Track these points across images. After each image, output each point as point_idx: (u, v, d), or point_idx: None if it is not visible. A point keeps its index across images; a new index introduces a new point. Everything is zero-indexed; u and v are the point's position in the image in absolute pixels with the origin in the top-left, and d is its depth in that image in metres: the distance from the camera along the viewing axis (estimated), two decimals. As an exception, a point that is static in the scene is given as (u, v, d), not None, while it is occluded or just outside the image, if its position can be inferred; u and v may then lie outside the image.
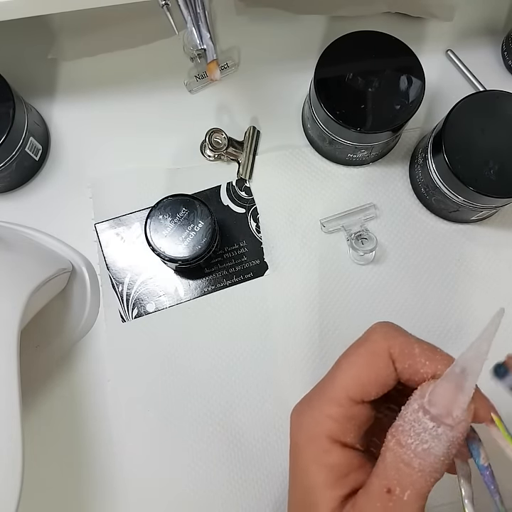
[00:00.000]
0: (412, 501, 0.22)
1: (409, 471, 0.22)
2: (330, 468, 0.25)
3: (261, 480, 0.42)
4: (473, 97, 0.41)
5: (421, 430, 0.22)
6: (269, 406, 0.44)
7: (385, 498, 0.23)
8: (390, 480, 0.23)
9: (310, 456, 0.26)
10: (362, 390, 0.25)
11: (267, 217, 0.47)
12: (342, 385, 0.26)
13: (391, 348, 0.25)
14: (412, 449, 0.22)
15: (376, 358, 0.25)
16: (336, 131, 0.42)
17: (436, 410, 0.22)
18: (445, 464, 0.23)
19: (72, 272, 0.45)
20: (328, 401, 0.26)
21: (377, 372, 0.25)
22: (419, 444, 0.22)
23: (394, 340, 0.25)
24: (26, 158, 0.45)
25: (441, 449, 0.22)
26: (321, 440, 0.25)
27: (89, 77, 0.50)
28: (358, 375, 0.25)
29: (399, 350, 0.25)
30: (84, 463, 0.43)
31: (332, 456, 0.25)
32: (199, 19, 0.38)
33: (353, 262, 0.46)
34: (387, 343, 0.25)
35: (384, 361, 0.25)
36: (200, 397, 0.44)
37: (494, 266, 0.46)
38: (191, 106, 0.49)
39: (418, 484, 0.22)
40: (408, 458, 0.22)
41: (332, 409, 0.25)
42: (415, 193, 0.47)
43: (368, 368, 0.25)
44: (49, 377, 0.44)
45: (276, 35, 0.51)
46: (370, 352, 0.26)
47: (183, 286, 0.46)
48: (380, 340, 0.26)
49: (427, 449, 0.22)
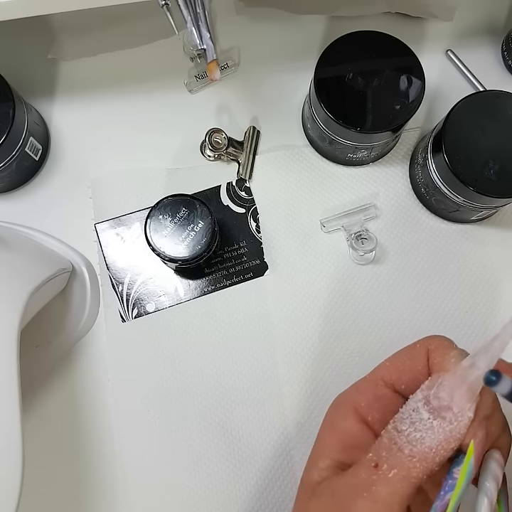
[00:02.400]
0: (396, 480, 0.23)
1: (399, 454, 0.23)
2: (341, 434, 0.27)
3: (261, 480, 0.42)
4: (473, 97, 0.41)
5: (416, 420, 0.23)
6: (268, 406, 0.44)
7: (371, 471, 0.24)
8: (379, 457, 0.24)
9: (329, 419, 0.29)
10: (394, 374, 0.27)
11: (267, 217, 0.47)
12: (379, 368, 0.28)
13: (430, 344, 0.27)
14: (405, 435, 0.23)
15: (414, 349, 0.27)
16: (336, 131, 0.42)
17: (437, 403, 0.23)
18: (438, 456, 0.23)
19: (72, 272, 0.45)
20: (364, 379, 0.29)
21: (411, 361, 0.27)
22: (413, 432, 0.23)
23: (435, 338, 0.27)
24: (26, 158, 0.45)
25: (433, 441, 0.23)
26: (344, 407, 0.28)
27: (89, 77, 0.50)
28: (395, 359, 0.28)
29: (435, 346, 0.26)
30: (84, 463, 0.43)
31: (347, 423, 0.27)
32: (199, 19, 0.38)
33: (353, 262, 0.46)
34: (428, 340, 0.27)
35: (420, 353, 0.27)
36: (200, 397, 0.44)
37: (494, 266, 0.46)
38: (191, 106, 0.49)
39: (406, 468, 0.23)
40: (401, 442, 0.23)
41: (363, 384, 0.28)
42: (415, 193, 0.47)
43: (404, 356, 0.27)
44: (49, 377, 0.44)
45: (276, 35, 0.51)
46: (411, 345, 0.28)
47: (183, 286, 0.46)
48: (424, 338, 0.28)
49: (419, 439, 0.23)
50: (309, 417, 0.43)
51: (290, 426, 0.43)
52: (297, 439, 0.43)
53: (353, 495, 0.24)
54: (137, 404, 0.44)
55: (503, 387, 0.21)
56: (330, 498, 0.25)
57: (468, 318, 0.45)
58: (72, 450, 0.43)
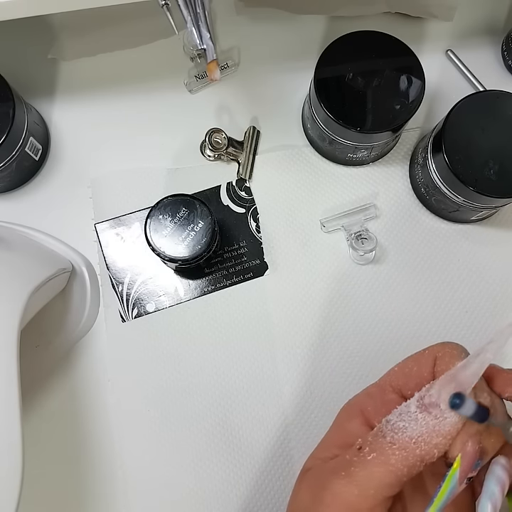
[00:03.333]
0: (374, 464, 0.24)
1: (381, 440, 0.24)
2: (345, 433, 0.28)
3: (261, 480, 0.42)
4: (473, 97, 0.41)
5: (403, 412, 0.24)
6: (268, 406, 0.44)
7: (354, 453, 0.25)
8: (365, 441, 0.25)
9: (338, 419, 0.30)
10: (401, 379, 0.28)
11: (267, 217, 0.47)
12: (389, 373, 0.29)
13: (439, 352, 0.27)
14: (391, 424, 0.24)
15: (423, 355, 0.27)
16: (336, 131, 0.42)
17: (428, 400, 0.24)
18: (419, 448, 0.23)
19: (72, 272, 0.45)
20: (374, 384, 0.29)
21: (418, 367, 0.27)
22: (398, 421, 0.24)
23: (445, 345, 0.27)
24: (26, 158, 0.45)
25: (415, 432, 0.23)
26: (352, 409, 0.29)
27: (89, 77, 0.49)
28: (403, 366, 0.28)
29: (442, 354, 0.27)
30: (84, 462, 0.43)
31: (352, 425, 0.28)
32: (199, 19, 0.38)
33: (353, 262, 0.46)
34: (438, 347, 0.27)
35: (428, 359, 0.27)
36: (200, 397, 0.44)
37: (494, 266, 0.46)
38: (191, 106, 0.49)
39: (385, 453, 0.24)
40: (385, 430, 0.24)
41: (373, 389, 0.29)
42: (415, 193, 0.47)
43: (412, 362, 0.28)
44: (49, 377, 0.44)
45: (276, 35, 0.51)
46: (421, 351, 0.28)
47: (183, 286, 0.46)
48: (435, 345, 0.28)
49: (402, 428, 0.24)
50: (309, 417, 0.43)
51: (290, 426, 0.43)
52: (297, 439, 0.43)
53: (332, 474, 0.25)
54: (137, 404, 0.44)
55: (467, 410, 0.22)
56: (313, 480, 0.27)
57: (468, 318, 0.45)
58: (72, 450, 0.43)
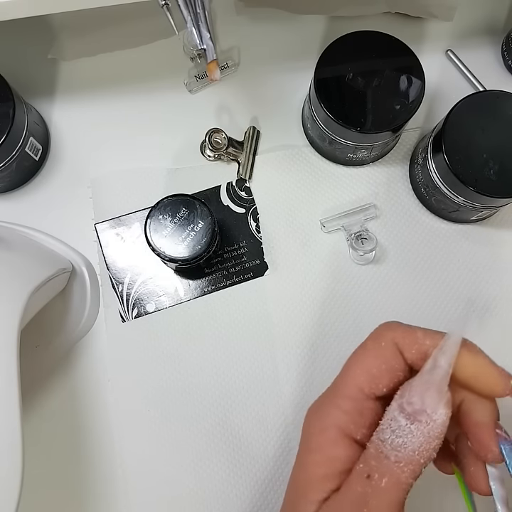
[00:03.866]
0: (389, 488, 0.23)
1: (386, 461, 0.24)
2: (333, 462, 0.26)
3: (261, 480, 0.42)
4: (473, 97, 0.41)
5: (396, 427, 0.24)
6: (268, 406, 0.44)
7: (365, 483, 0.24)
8: (370, 467, 0.24)
9: (315, 446, 0.27)
10: (372, 381, 0.26)
11: (267, 217, 0.47)
12: (353, 378, 0.27)
13: (395, 338, 0.26)
14: (389, 443, 0.24)
15: (383, 349, 0.26)
16: (336, 131, 0.42)
17: (411, 408, 0.24)
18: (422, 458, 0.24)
19: (72, 272, 0.45)
20: (341, 395, 0.27)
21: (385, 363, 0.26)
22: (395, 438, 0.24)
23: (396, 329, 0.26)
24: (26, 158, 0.45)
25: (415, 444, 0.24)
26: (331, 431, 0.26)
27: (89, 77, 0.50)
28: (368, 367, 0.26)
29: (402, 337, 0.26)
30: (84, 462, 0.43)
31: (339, 450, 0.26)
32: (199, 19, 0.38)
33: (353, 262, 0.46)
34: (391, 334, 0.26)
35: (391, 350, 0.26)
36: (200, 397, 0.44)
37: (494, 266, 0.46)
38: (191, 106, 0.49)
39: (395, 474, 0.23)
40: (386, 450, 0.24)
41: (344, 402, 0.26)
42: (415, 193, 0.47)
43: (376, 359, 0.26)
44: (49, 377, 0.44)
45: (276, 35, 0.51)
46: (376, 344, 0.27)
47: (183, 286, 0.46)
48: (384, 331, 0.27)
49: (402, 444, 0.24)
50: (309, 417, 0.43)
51: (290, 426, 0.43)
52: (297, 439, 0.43)
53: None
54: (137, 404, 0.44)
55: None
56: None
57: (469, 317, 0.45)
58: (72, 450, 0.43)
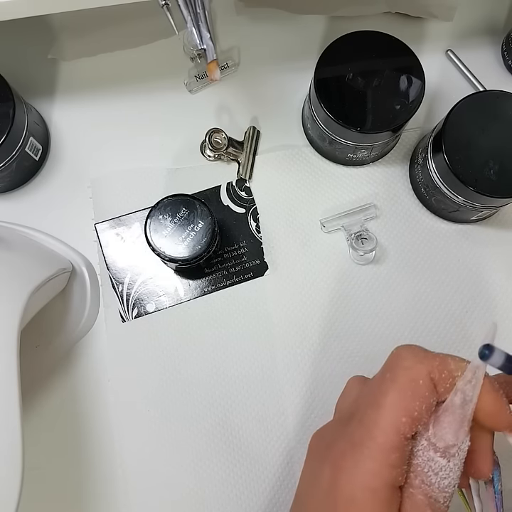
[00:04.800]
0: None
1: (438, 505, 0.23)
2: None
3: (261, 480, 0.42)
4: (473, 97, 0.41)
5: (438, 469, 0.24)
6: (268, 406, 0.44)
7: None
8: None
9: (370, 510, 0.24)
10: (413, 424, 0.23)
11: (267, 217, 0.47)
12: (393, 424, 0.23)
13: (431, 373, 0.24)
14: (436, 486, 0.24)
15: (421, 387, 0.24)
16: (336, 131, 0.42)
17: (442, 443, 0.23)
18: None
19: (72, 272, 0.45)
20: (384, 447, 0.23)
21: (425, 402, 0.24)
22: (441, 480, 0.24)
23: (430, 362, 0.24)
24: (26, 158, 0.45)
25: (457, 479, 0.24)
26: (383, 492, 0.23)
27: (89, 77, 0.50)
28: (409, 410, 0.23)
29: (438, 371, 0.24)
30: (84, 462, 0.43)
31: (393, 507, 0.24)
32: (199, 19, 0.38)
33: (353, 262, 0.46)
34: (425, 368, 0.24)
35: (429, 388, 0.24)
36: (200, 397, 0.44)
37: (494, 266, 0.46)
38: (191, 106, 0.49)
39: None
40: (435, 494, 0.23)
41: (391, 456, 0.23)
42: (415, 193, 0.47)
43: (414, 400, 0.23)
44: (49, 377, 0.44)
45: (276, 35, 0.51)
46: (410, 381, 0.24)
47: (183, 286, 0.46)
48: (417, 365, 0.24)
49: (448, 485, 0.24)
50: (309, 417, 0.43)
51: (290, 426, 0.43)
52: (297, 439, 0.43)
53: None
54: (137, 404, 0.44)
55: (496, 360, 0.22)
56: None
57: (469, 318, 0.45)
58: (72, 449, 0.43)
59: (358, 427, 0.25)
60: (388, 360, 0.25)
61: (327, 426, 0.29)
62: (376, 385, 0.25)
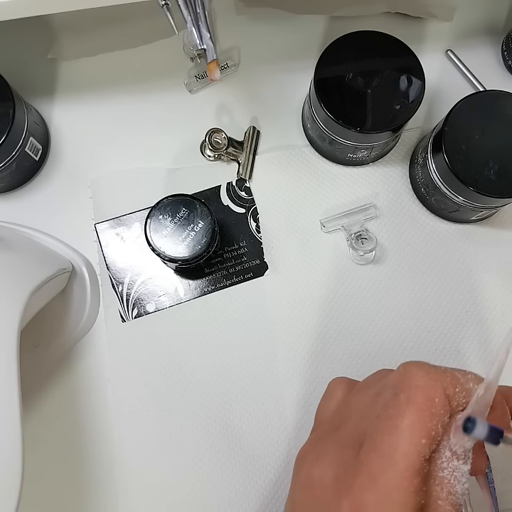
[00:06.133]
0: None
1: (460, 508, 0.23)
2: None
3: (261, 480, 0.42)
4: (473, 97, 0.41)
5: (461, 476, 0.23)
6: (268, 406, 0.44)
7: None
8: None
9: None
10: (431, 444, 0.23)
11: (267, 217, 0.47)
12: (414, 448, 0.22)
13: (446, 389, 0.23)
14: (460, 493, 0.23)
15: (436, 405, 0.23)
16: (336, 131, 0.42)
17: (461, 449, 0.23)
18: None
19: (72, 272, 0.45)
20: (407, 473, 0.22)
21: (440, 420, 0.23)
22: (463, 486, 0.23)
23: (443, 378, 0.23)
24: (26, 158, 0.45)
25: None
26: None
27: (89, 77, 0.50)
28: (426, 429, 0.23)
29: (452, 387, 0.23)
30: (84, 462, 0.43)
31: None
32: (199, 19, 0.38)
33: (353, 262, 0.46)
34: (440, 385, 0.23)
35: (444, 405, 0.23)
36: (200, 397, 0.44)
37: (494, 266, 0.46)
38: (191, 106, 0.49)
39: None
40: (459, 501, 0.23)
41: (414, 481, 0.22)
42: (415, 193, 0.47)
43: (431, 419, 0.23)
44: (49, 377, 0.44)
45: (276, 35, 0.51)
46: (426, 400, 0.23)
47: (183, 286, 0.46)
48: (431, 383, 0.23)
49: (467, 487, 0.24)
50: (309, 417, 0.43)
51: (290, 426, 0.43)
52: (297, 439, 0.43)
53: None
54: (137, 404, 0.44)
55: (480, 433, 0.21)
56: None
57: (469, 318, 0.45)
58: (72, 450, 0.43)
59: (373, 456, 0.23)
60: (397, 378, 0.24)
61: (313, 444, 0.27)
62: (387, 407, 0.24)
